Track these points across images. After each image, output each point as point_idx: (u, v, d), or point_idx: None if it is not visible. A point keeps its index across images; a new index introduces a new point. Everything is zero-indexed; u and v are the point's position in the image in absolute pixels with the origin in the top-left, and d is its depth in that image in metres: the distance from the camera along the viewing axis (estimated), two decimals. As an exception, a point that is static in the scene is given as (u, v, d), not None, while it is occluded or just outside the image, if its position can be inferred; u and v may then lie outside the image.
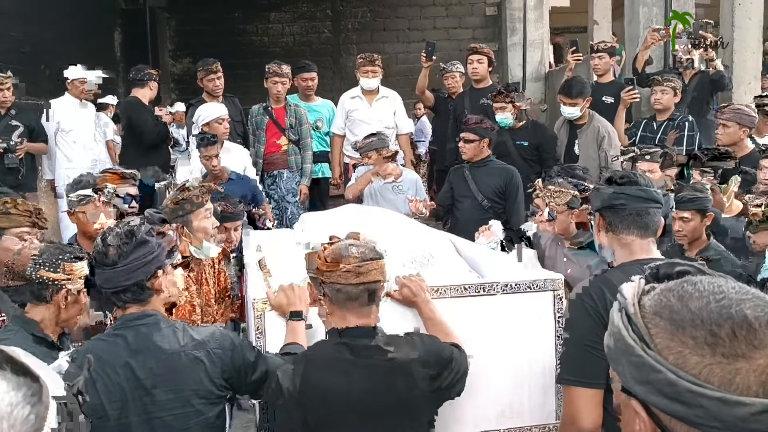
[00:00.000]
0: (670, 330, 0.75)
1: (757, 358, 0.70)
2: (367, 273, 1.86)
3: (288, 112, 5.55)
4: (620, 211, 1.93)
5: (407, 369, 1.88)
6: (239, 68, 9.11)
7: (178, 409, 1.83)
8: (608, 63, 5.77)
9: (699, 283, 0.78)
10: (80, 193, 3.10)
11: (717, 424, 0.70)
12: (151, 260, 1.87)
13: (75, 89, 6.11)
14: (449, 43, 10.26)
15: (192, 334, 1.91)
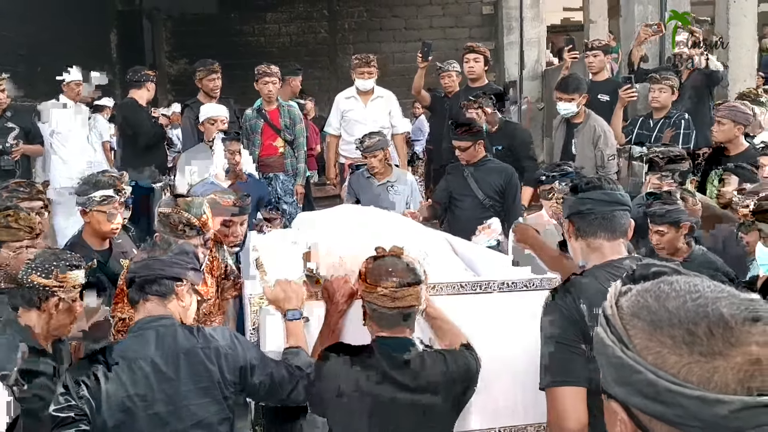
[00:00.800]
0: (648, 330, 0.75)
1: (734, 356, 0.70)
2: (403, 299, 1.95)
3: (282, 113, 5.55)
4: (587, 216, 1.98)
5: (435, 389, 1.97)
6: (236, 69, 9.10)
7: (199, 398, 1.94)
8: (603, 61, 5.77)
9: (675, 282, 0.78)
10: (103, 193, 3.13)
11: (697, 423, 0.70)
12: (188, 267, 2.06)
13: (71, 92, 6.10)
14: (446, 42, 10.26)
15: (205, 334, 2.01)
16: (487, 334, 2.23)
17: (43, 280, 2.21)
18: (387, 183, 4.73)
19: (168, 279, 2.01)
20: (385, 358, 1.96)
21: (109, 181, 3.20)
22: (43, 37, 7.41)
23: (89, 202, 3.13)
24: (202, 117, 4.95)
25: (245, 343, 2.08)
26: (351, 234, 2.74)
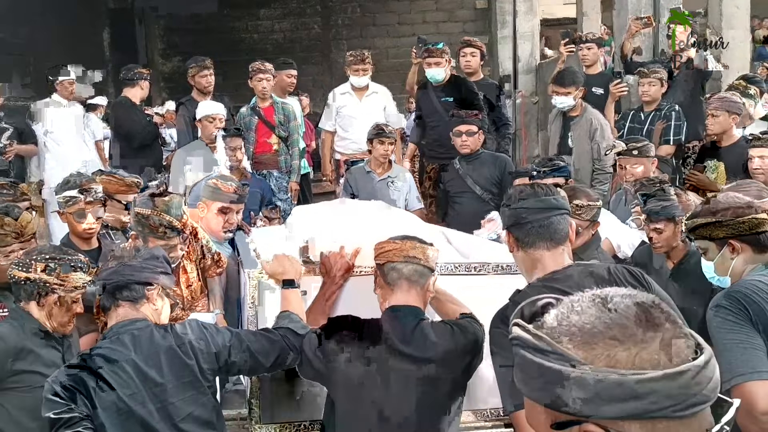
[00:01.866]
0: (588, 341, 0.78)
1: (662, 334, 0.77)
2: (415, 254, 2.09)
3: (276, 110, 5.55)
4: (524, 226, 1.95)
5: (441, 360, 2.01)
6: (229, 66, 9.09)
7: (184, 393, 2.01)
8: (596, 54, 5.78)
9: (581, 299, 0.83)
10: (66, 195, 3.12)
11: (668, 402, 0.74)
12: (158, 271, 2.10)
13: (64, 90, 6.08)
14: (439, 37, 10.22)
15: (176, 331, 2.07)
16: (481, 316, 2.25)
17: (45, 276, 2.26)
18: (388, 178, 4.73)
19: (138, 284, 2.05)
20: (392, 328, 2.02)
21: (76, 181, 3.19)
22: (36, 37, 7.39)
23: (59, 203, 3.16)
24: (200, 115, 4.94)
25: (212, 329, 2.13)
26: (346, 225, 2.75)
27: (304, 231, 2.90)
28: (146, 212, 2.72)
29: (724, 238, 2.22)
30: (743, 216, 2.19)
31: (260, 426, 2.31)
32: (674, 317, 0.80)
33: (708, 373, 0.76)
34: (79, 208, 3.12)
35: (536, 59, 8.38)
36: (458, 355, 2.04)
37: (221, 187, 3.28)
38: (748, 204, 2.23)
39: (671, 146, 4.92)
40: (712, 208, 2.24)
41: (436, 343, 2.01)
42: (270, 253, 2.50)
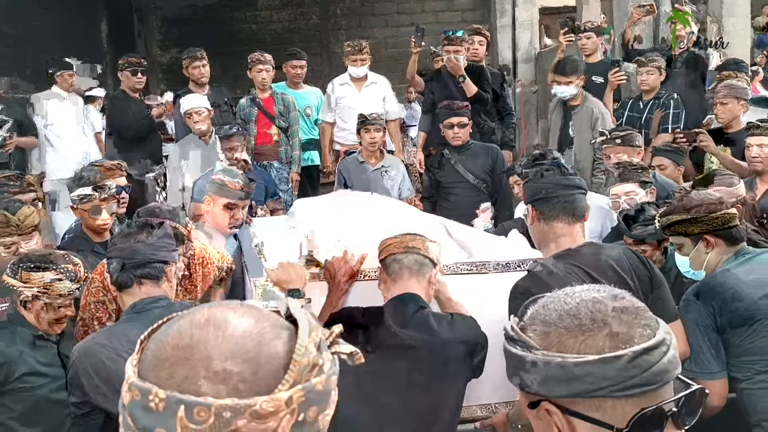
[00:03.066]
0: (544, 330, 0.90)
1: (613, 325, 0.88)
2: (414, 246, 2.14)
3: (276, 101, 5.53)
4: (550, 200, 2.08)
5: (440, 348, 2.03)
6: (228, 57, 9.06)
7: None
8: (596, 42, 5.77)
9: (555, 294, 0.95)
10: (80, 192, 3.16)
11: (606, 383, 0.85)
12: (172, 250, 2.16)
13: (64, 82, 6.06)
14: (438, 26, 10.20)
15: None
16: (483, 313, 2.27)
17: (11, 280, 2.30)
18: (381, 168, 4.73)
19: (158, 262, 2.10)
20: (393, 315, 2.04)
21: (90, 178, 3.22)
22: (34, 29, 7.36)
23: (73, 200, 3.19)
24: (183, 110, 4.94)
25: None
26: (348, 218, 2.76)
27: (306, 223, 2.92)
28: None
29: (698, 233, 2.31)
30: (716, 212, 2.28)
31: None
32: (633, 310, 0.89)
33: (650, 358, 0.85)
34: (94, 205, 3.17)
35: (535, 48, 8.36)
36: (457, 343, 2.05)
37: (228, 184, 3.28)
38: (720, 200, 2.34)
39: (670, 134, 4.92)
40: (686, 205, 2.33)
41: (435, 329, 2.03)
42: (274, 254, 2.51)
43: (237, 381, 0.60)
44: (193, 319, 0.64)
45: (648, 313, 0.91)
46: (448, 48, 5.24)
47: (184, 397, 0.59)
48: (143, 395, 0.60)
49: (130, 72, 5.52)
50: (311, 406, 0.62)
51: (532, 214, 2.14)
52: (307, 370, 0.63)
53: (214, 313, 0.65)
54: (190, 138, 4.97)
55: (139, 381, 0.62)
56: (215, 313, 0.65)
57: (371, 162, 4.74)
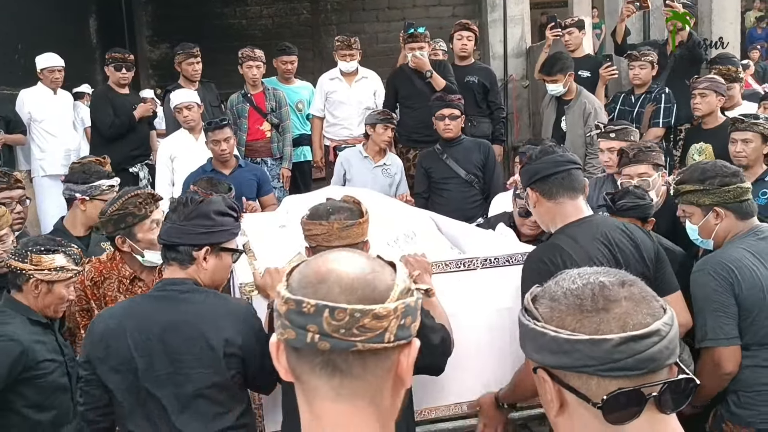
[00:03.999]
0: (550, 305, 0.98)
1: (613, 309, 0.93)
2: (347, 237, 1.98)
3: (267, 96, 5.51)
4: (548, 179, 2.15)
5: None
6: (218, 52, 8.99)
7: (200, 368, 1.93)
8: (579, 37, 5.78)
9: (570, 271, 1.02)
10: (104, 183, 3.19)
11: (592, 362, 0.91)
12: (205, 233, 2.03)
13: (46, 79, 6.00)
14: (429, 21, 10.17)
15: (225, 304, 2.04)
16: (474, 310, 2.27)
17: (19, 264, 2.38)
18: (383, 165, 4.73)
19: (184, 245, 2.03)
20: None
21: (102, 172, 3.25)
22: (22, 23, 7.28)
23: (92, 189, 3.16)
24: (172, 105, 4.91)
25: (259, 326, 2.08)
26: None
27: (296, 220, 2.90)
28: (119, 204, 2.65)
29: (709, 204, 2.38)
30: (729, 185, 2.35)
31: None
32: (638, 298, 0.95)
33: (637, 346, 0.90)
34: (108, 198, 3.08)
35: (526, 43, 8.35)
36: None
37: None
38: (734, 173, 2.39)
39: (660, 129, 4.94)
40: (700, 176, 2.39)
41: None
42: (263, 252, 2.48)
43: (361, 294, 0.88)
44: (326, 257, 0.94)
45: (654, 303, 0.95)
46: (411, 45, 5.21)
47: (329, 303, 0.87)
48: (297, 304, 0.88)
49: (114, 67, 5.47)
50: (407, 316, 0.90)
51: (533, 197, 2.19)
52: (404, 292, 0.91)
53: (340, 254, 0.94)
54: (180, 133, 4.94)
55: (293, 295, 0.89)
56: (340, 253, 0.95)
57: (375, 159, 4.73)
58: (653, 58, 4.99)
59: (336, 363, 0.88)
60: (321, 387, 0.89)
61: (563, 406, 0.97)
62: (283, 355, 0.92)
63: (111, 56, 5.54)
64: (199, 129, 4.84)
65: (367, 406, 0.90)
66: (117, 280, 2.73)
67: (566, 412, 0.97)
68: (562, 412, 0.97)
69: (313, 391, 0.90)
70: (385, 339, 0.87)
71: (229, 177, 4.27)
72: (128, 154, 5.44)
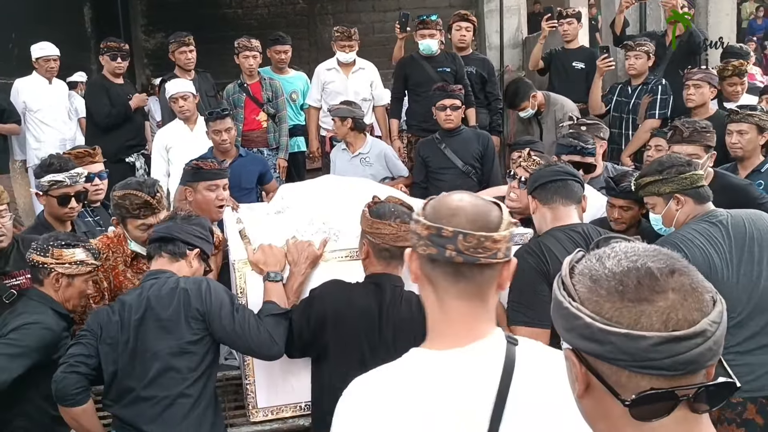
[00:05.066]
0: (589, 285, 0.89)
1: (658, 301, 0.84)
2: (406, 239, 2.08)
3: (263, 86, 5.50)
4: (546, 186, 2.41)
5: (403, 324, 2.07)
6: (213, 42, 8.96)
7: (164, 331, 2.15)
8: (576, 28, 5.80)
9: (616, 246, 0.93)
10: (51, 178, 3.11)
11: (624, 356, 0.84)
12: (201, 239, 2.36)
13: (40, 68, 5.97)
14: (426, 11, 10.12)
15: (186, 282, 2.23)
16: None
17: (41, 258, 2.46)
18: (359, 155, 4.73)
19: (182, 242, 2.30)
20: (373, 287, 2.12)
21: (60, 165, 3.17)
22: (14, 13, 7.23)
23: (40, 185, 3.14)
24: (168, 95, 4.90)
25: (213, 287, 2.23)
26: (334, 202, 2.76)
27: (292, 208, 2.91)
28: (121, 193, 2.77)
29: (669, 192, 2.56)
30: (685, 173, 2.54)
31: (257, 410, 2.32)
32: (688, 289, 0.85)
33: (677, 348, 0.82)
34: (64, 192, 3.11)
35: (522, 33, 8.34)
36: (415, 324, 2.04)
37: (203, 166, 3.28)
38: (688, 162, 2.59)
39: (656, 120, 4.95)
40: (658, 168, 2.59)
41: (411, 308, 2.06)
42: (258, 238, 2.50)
43: (481, 224, 1.20)
44: (453, 197, 1.25)
45: (704, 296, 0.86)
46: (423, 32, 5.22)
47: (461, 230, 1.19)
48: (438, 230, 1.20)
49: (110, 57, 5.44)
50: (510, 241, 1.23)
51: (533, 203, 2.44)
52: (510, 223, 1.23)
53: (462, 194, 1.26)
54: (175, 123, 4.93)
55: (431, 222, 1.21)
56: (462, 194, 1.26)
57: (351, 149, 4.75)
58: (649, 49, 5.00)
59: (463, 272, 1.20)
60: (450, 289, 1.22)
61: (589, 389, 0.90)
62: (415, 263, 1.26)
63: (106, 45, 5.51)
64: (194, 119, 4.83)
65: (481, 303, 1.23)
66: (122, 255, 2.88)
67: (591, 395, 0.90)
68: (587, 394, 0.91)
69: (444, 292, 1.23)
70: (498, 256, 1.20)
71: (229, 167, 4.27)
72: (124, 144, 5.43)
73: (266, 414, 2.32)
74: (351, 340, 2.07)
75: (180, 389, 2.13)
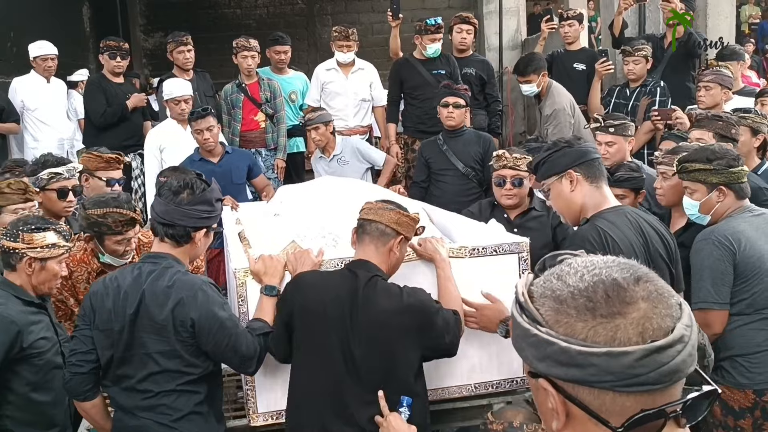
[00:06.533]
0: (555, 307, 0.83)
1: (630, 313, 0.80)
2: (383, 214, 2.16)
3: (262, 87, 5.49)
4: (593, 162, 2.25)
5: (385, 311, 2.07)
6: (212, 42, 8.96)
7: (157, 334, 2.12)
8: (577, 30, 5.80)
9: (574, 262, 0.87)
10: (51, 171, 3.15)
11: (609, 377, 0.78)
12: (207, 218, 2.22)
13: (38, 67, 5.96)
14: (425, 12, 10.14)
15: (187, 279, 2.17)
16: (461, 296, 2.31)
17: (12, 244, 2.42)
18: (334, 157, 4.74)
19: (186, 227, 2.19)
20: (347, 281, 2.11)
21: (55, 161, 3.25)
22: (14, 11, 7.22)
23: (39, 180, 3.16)
24: (165, 96, 4.88)
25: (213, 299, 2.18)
26: (332, 205, 2.76)
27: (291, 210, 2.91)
28: (102, 211, 2.74)
29: (716, 183, 2.57)
30: (734, 167, 2.55)
31: (257, 415, 2.32)
32: (656, 297, 0.82)
33: (662, 358, 0.78)
34: (62, 185, 3.15)
35: (522, 35, 8.35)
36: (403, 313, 2.06)
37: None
38: (737, 157, 2.60)
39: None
40: (709, 156, 2.58)
41: (377, 300, 2.06)
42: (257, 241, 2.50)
43: None
44: None
45: (672, 299, 0.83)
46: (432, 36, 5.22)
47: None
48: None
49: (109, 55, 5.43)
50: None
51: (572, 178, 2.21)
52: None
53: None
54: (168, 123, 4.91)
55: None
56: None
57: (327, 153, 4.76)
58: (647, 53, 4.99)
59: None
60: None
61: (569, 419, 0.84)
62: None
63: (105, 44, 5.50)
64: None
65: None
66: (86, 272, 2.85)
67: (573, 426, 0.84)
68: (569, 425, 0.84)
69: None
70: None
71: (216, 165, 4.28)
72: (121, 144, 5.40)
73: (266, 419, 2.32)
74: (320, 330, 2.09)
75: (175, 385, 2.14)
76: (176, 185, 2.20)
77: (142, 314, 2.13)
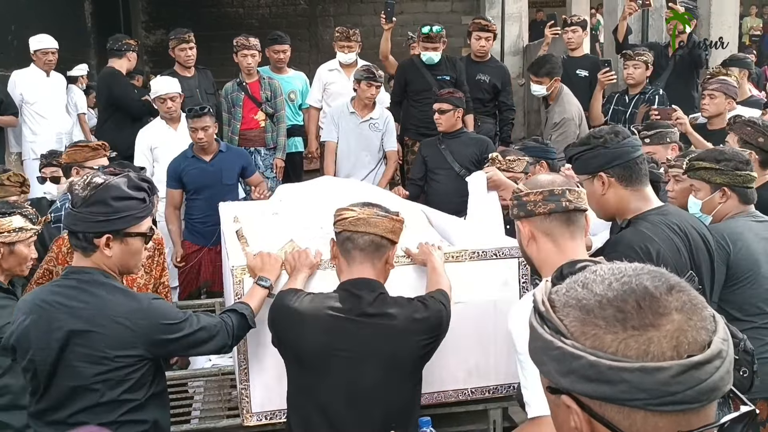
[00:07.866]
0: (581, 317, 0.77)
1: (664, 324, 0.74)
2: (376, 225, 1.97)
3: (262, 86, 5.47)
4: (630, 163, 2.00)
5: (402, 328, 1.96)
6: (214, 41, 8.96)
7: (91, 360, 1.85)
8: (581, 36, 5.80)
9: (599, 269, 0.82)
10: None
11: (642, 395, 0.72)
12: (102, 221, 1.86)
13: (38, 60, 5.94)
14: (427, 16, 10.16)
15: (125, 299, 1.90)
16: (461, 301, 2.29)
17: None
18: (370, 120, 4.82)
19: (83, 233, 1.88)
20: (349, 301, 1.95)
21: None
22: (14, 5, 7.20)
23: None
24: (152, 94, 4.85)
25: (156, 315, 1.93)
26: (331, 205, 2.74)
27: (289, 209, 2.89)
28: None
29: (719, 183, 2.54)
30: (742, 170, 2.52)
31: (251, 414, 2.30)
32: (690, 308, 0.76)
33: (700, 374, 0.72)
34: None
35: (523, 41, 8.35)
36: (415, 329, 1.96)
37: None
38: (747, 161, 2.56)
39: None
40: (718, 156, 2.55)
41: (392, 314, 1.95)
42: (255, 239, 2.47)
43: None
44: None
45: (706, 311, 0.77)
46: (425, 45, 5.21)
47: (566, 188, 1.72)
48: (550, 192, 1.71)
49: (135, 53, 5.52)
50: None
51: (603, 181, 2.00)
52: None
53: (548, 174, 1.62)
54: (158, 123, 4.88)
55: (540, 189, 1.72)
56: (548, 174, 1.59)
57: (362, 114, 4.82)
58: (648, 59, 4.99)
59: (572, 218, 1.68)
60: (564, 232, 1.68)
61: None
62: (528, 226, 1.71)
63: (126, 42, 5.61)
64: (177, 118, 4.78)
65: (581, 240, 1.70)
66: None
67: None
68: None
69: (560, 235, 1.67)
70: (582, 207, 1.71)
71: (209, 163, 4.26)
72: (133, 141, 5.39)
73: (260, 419, 2.29)
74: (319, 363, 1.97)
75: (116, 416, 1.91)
76: (81, 184, 1.89)
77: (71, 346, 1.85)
